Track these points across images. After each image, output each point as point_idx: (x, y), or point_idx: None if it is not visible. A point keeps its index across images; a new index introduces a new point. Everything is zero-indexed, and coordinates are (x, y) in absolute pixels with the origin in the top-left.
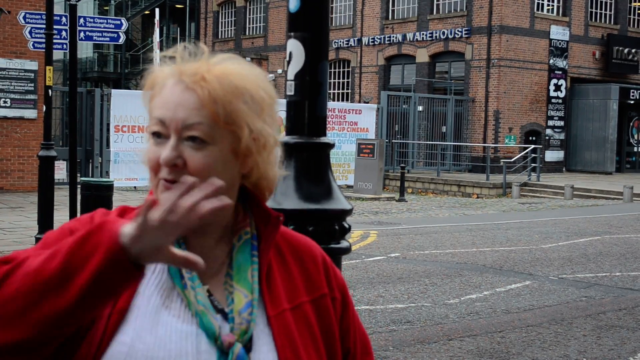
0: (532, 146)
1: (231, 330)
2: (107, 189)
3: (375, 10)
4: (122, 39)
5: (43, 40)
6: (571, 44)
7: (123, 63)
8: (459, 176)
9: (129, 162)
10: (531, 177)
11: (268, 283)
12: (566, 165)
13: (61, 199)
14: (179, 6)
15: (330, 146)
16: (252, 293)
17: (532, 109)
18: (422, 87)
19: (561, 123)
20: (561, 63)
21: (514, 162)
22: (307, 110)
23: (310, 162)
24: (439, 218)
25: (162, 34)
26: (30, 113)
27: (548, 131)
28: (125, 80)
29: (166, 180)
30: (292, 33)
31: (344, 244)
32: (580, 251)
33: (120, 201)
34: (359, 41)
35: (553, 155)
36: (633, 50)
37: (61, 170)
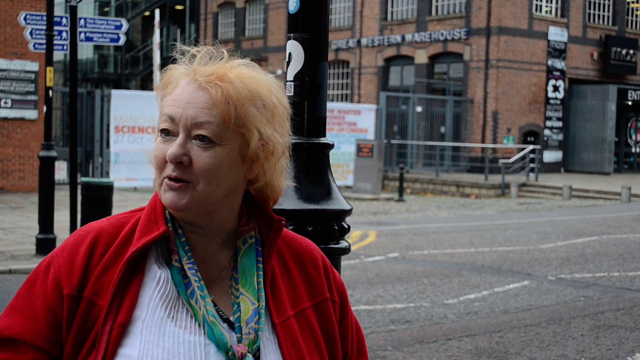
0: (531, 147)
1: (239, 340)
2: (107, 190)
3: (374, 11)
4: (123, 40)
5: (44, 41)
6: (569, 45)
7: (123, 64)
8: (458, 176)
9: (129, 163)
10: (529, 178)
11: (272, 289)
12: (564, 165)
13: (61, 199)
14: (179, 7)
15: (329, 147)
16: (259, 301)
17: (531, 110)
18: (421, 88)
19: (559, 124)
20: (559, 64)
21: (513, 163)
22: (307, 111)
23: (309, 163)
24: (438, 218)
25: (162, 35)
26: (30, 114)
27: (546, 132)
28: (125, 81)
29: (170, 178)
30: (292, 34)
31: (343, 244)
32: (578, 251)
33: (120, 201)
34: (358, 42)
35: (551, 155)
36: (631, 51)
37: (62, 170)
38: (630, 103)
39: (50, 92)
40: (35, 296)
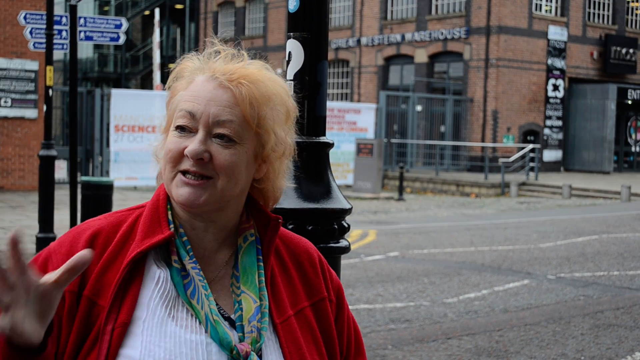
0: (531, 146)
1: (241, 339)
2: (107, 189)
3: (374, 10)
4: (122, 39)
5: (43, 40)
6: (569, 44)
7: (123, 63)
8: (458, 176)
9: (129, 162)
10: (529, 177)
11: (272, 288)
12: (564, 164)
13: (61, 198)
14: (179, 7)
15: (329, 146)
16: (261, 299)
17: (530, 109)
18: (421, 87)
19: (559, 123)
20: (559, 63)
21: (512, 162)
22: (307, 110)
23: (309, 162)
24: (438, 217)
25: (162, 34)
26: (30, 113)
27: (546, 131)
28: (125, 80)
29: (189, 171)
30: (292, 33)
31: (343, 243)
32: (578, 250)
33: (120, 200)
34: (358, 41)
35: (551, 154)
36: (631, 50)
37: (61, 169)
38: (630, 102)
39: (50, 91)
40: None
